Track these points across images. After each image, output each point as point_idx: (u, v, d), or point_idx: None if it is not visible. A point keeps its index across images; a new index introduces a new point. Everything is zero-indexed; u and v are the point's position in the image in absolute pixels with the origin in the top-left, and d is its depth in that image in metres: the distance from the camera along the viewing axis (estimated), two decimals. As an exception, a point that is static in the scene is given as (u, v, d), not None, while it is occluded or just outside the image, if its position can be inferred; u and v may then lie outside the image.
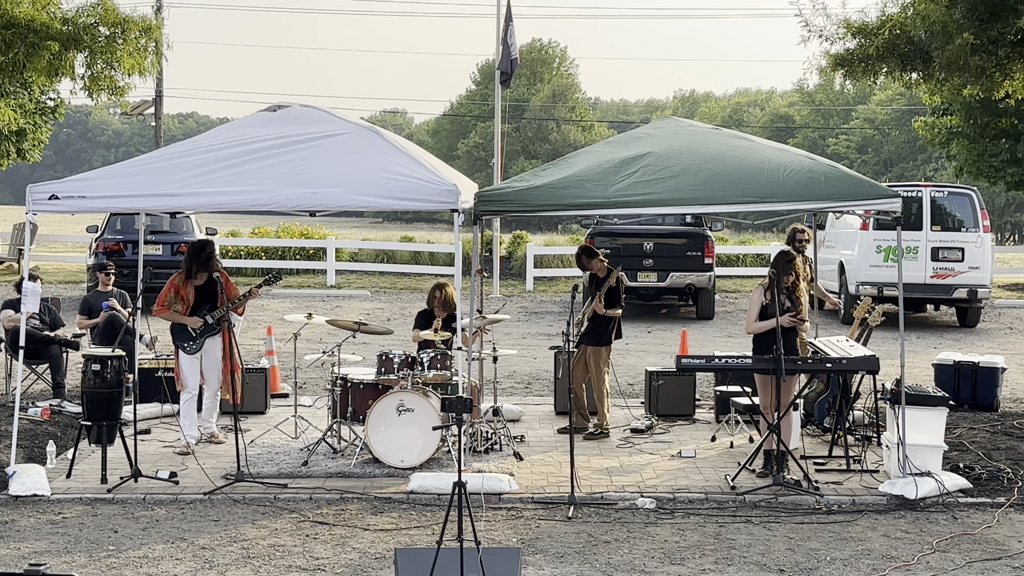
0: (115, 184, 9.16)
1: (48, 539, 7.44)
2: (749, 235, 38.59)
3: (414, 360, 9.46)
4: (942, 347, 16.16)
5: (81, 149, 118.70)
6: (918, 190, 19.17)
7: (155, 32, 12.81)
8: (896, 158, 69.89)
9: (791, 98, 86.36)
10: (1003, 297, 23.81)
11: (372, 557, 7.11)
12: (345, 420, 9.72)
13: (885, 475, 9.02)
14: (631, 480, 9.01)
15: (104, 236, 20.85)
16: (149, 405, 11.20)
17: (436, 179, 9.13)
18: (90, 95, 13.04)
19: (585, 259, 10.79)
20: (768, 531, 7.74)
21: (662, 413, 11.36)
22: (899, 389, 8.86)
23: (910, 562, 7.08)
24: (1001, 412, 11.84)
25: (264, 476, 8.95)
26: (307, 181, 8.99)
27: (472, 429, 9.89)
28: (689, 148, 9.61)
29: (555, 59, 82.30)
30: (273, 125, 9.69)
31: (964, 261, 18.77)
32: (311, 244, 27.63)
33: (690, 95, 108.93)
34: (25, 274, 9.93)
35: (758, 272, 26.45)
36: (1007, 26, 10.65)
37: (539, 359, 15.28)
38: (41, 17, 12.09)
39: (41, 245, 29.03)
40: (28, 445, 9.81)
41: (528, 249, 26.35)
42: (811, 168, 9.24)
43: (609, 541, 7.47)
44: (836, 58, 12.22)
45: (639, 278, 19.44)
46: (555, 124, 77.02)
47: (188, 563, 6.99)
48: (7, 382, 12.24)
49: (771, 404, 8.92)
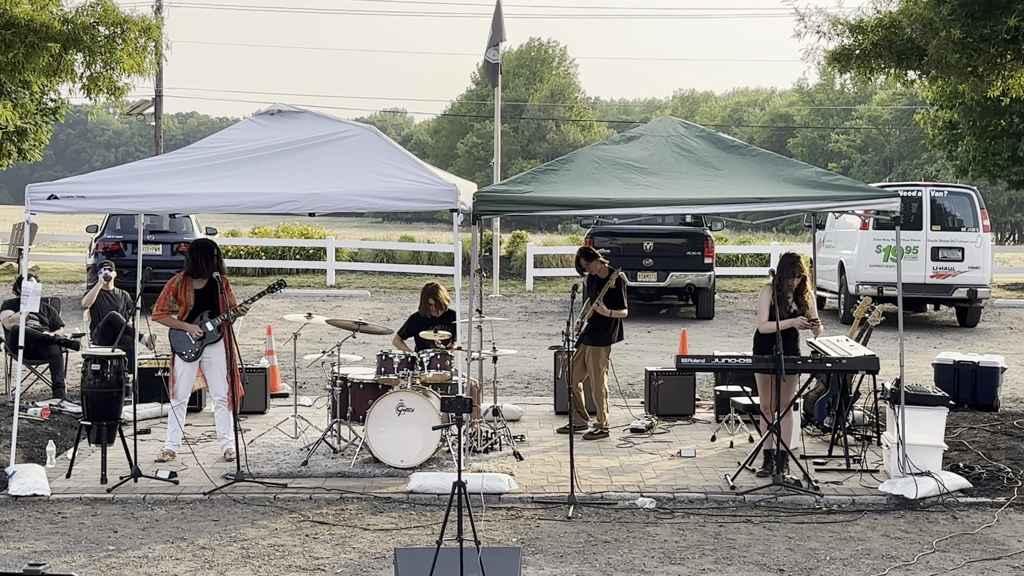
0: (115, 185, 9.16)
1: (48, 539, 7.44)
2: (749, 235, 38.59)
3: (414, 360, 9.45)
4: (942, 347, 16.16)
5: (81, 149, 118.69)
6: (918, 190, 19.17)
7: (155, 32, 12.80)
8: (897, 157, 69.90)
9: (791, 98, 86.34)
10: (1003, 297, 23.81)
11: (372, 557, 7.11)
12: (345, 420, 9.71)
13: (885, 475, 9.02)
14: (631, 480, 9.01)
15: (104, 236, 20.85)
16: (149, 405, 11.20)
17: (436, 179, 9.14)
18: (89, 95, 13.04)
19: (584, 261, 10.73)
20: (768, 531, 7.74)
21: (662, 413, 11.36)
22: (899, 389, 8.86)
23: (910, 562, 7.08)
24: (1001, 412, 11.83)
25: (264, 476, 8.94)
26: (307, 182, 8.99)
27: (472, 429, 9.89)
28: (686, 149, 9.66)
29: (554, 59, 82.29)
30: (272, 128, 9.67)
31: (964, 261, 18.77)
32: (311, 244, 27.63)
33: (690, 95, 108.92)
34: (24, 274, 9.95)
35: (758, 272, 26.46)
36: (999, 24, 10.64)
37: (539, 359, 15.28)
38: (41, 17, 12.08)
39: (41, 245, 29.04)
40: (28, 445, 9.80)
41: (528, 249, 26.35)
42: (810, 168, 9.26)
43: (609, 541, 7.47)
44: (833, 54, 12.23)
45: (639, 278, 19.43)
46: (554, 124, 77.01)
47: (188, 563, 6.99)
48: (7, 382, 12.24)
49: (771, 404, 8.92)
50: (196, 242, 9.68)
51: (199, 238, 10.68)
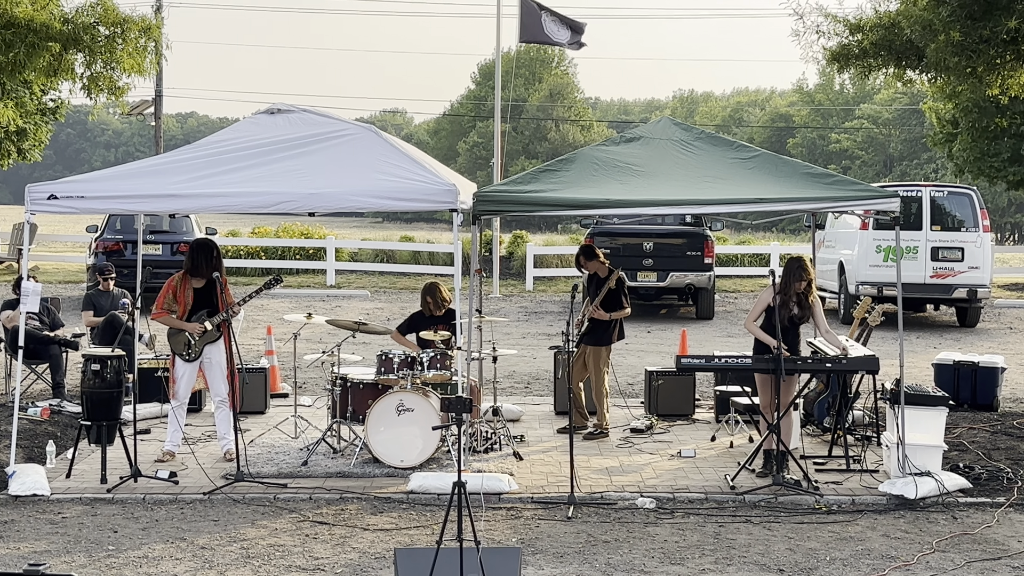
0: (114, 184, 9.16)
1: (48, 539, 7.44)
2: (749, 235, 38.62)
3: (414, 360, 9.45)
4: (942, 347, 16.16)
5: (81, 149, 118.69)
6: (918, 190, 19.17)
7: (155, 32, 12.80)
8: (898, 157, 69.91)
9: (791, 98, 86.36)
10: (1003, 297, 23.81)
11: (372, 557, 7.11)
12: (345, 420, 9.71)
13: (885, 475, 9.02)
14: (631, 480, 9.01)
15: (104, 236, 20.86)
16: (149, 405, 11.20)
17: (435, 179, 9.14)
18: (90, 95, 13.04)
19: (583, 259, 10.73)
20: (768, 531, 7.74)
21: (662, 413, 11.36)
22: (899, 389, 8.86)
23: (910, 562, 7.08)
24: (1001, 412, 11.83)
25: (264, 476, 8.94)
26: (307, 181, 8.99)
27: (472, 429, 9.89)
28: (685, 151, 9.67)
29: (553, 59, 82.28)
30: (272, 128, 9.67)
31: (964, 261, 18.77)
32: (311, 244, 27.64)
33: (689, 95, 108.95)
34: (24, 274, 9.94)
35: (758, 272, 26.47)
36: (998, 25, 10.64)
37: (539, 359, 15.28)
38: (41, 17, 12.08)
39: (41, 245, 29.04)
40: (28, 445, 9.80)
41: (528, 249, 26.36)
42: (810, 168, 9.26)
43: (609, 541, 7.47)
44: (832, 53, 12.23)
45: (639, 278, 19.44)
46: (554, 124, 76.99)
47: (188, 563, 6.98)
48: (7, 382, 12.24)
49: (771, 404, 8.92)
50: (196, 241, 9.68)
51: (199, 237, 10.68)
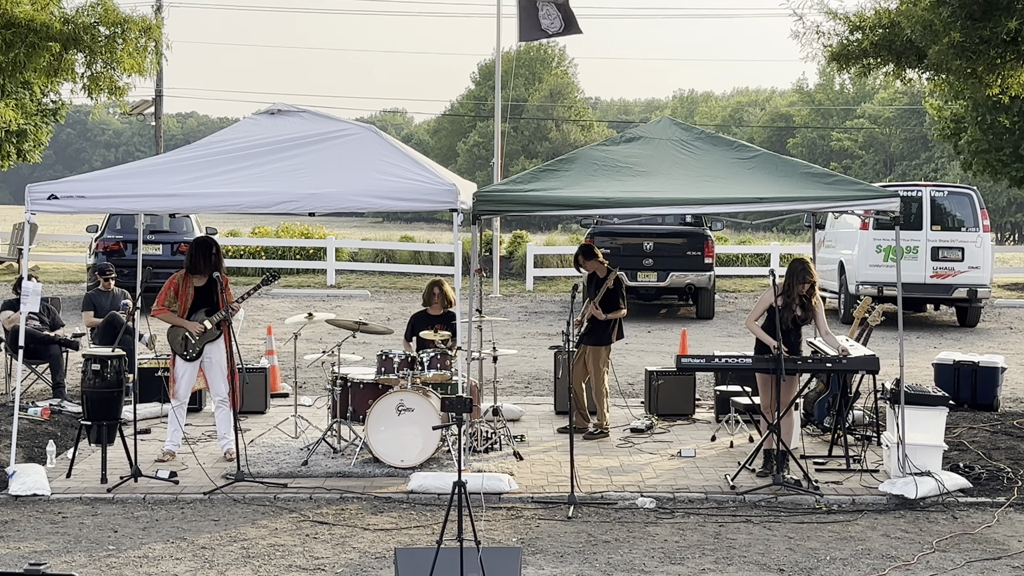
0: (114, 184, 9.16)
1: (48, 539, 7.44)
2: (749, 235, 38.62)
3: (414, 360, 9.45)
4: (942, 347, 16.16)
5: (81, 149, 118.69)
6: (918, 190, 19.17)
7: (155, 32, 12.81)
8: (898, 156, 69.89)
9: (791, 98, 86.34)
10: (1003, 297, 23.81)
11: (372, 557, 7.11)
12: (345, 420, 9.71)
13: (885, 475, 9.02)
14: (631, 480, 9.01)
15: (104, 236, 20.86)
16: (149, 405, 11.20)
17: (436, 179, 9.14)
18: (90, 95, 13.05)
19: (582, 259, 10.73)
20: (768, 531, 7.74)
21: (662, 413, 11.36)
22: (899, 389, 8.86)
23: (910, 562, 7.08)
24: (1001, 412, 11.84)
25: (264, 476, 8.94)
26: (307, 181, 8.99)
27: (472, 429, 9.89)
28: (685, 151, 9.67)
29: (553, 58, 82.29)
30: (272, 128, 9.67)
31: (964, 261, 18.77)
32: (311, 244, 27.64)
33: (689, 95, 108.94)
34: (24, 274, 9.94)
35: (758, 272, 26.46)
36: (999, 26, 10.64)
37: (539, 359, 15.28)
38: (41, 17, 12.09)
39: (41, 245, 29.04)
40: (28, 445, 9.80)
41: (528, 249, 26.35)
42: (810, 168, 9.26)
43: (609, 541, 7.47)
44: (832, 52, 12.23)
45: (639, 278, 19.44)
46: (554, 124, 76.98)
47: (188, 563, 6.99)
48: (7, 382, 12.24)
49: (771, 404, 8.92)
50: (196, 240, 9.70)
51: (200, 236, 10.68)
